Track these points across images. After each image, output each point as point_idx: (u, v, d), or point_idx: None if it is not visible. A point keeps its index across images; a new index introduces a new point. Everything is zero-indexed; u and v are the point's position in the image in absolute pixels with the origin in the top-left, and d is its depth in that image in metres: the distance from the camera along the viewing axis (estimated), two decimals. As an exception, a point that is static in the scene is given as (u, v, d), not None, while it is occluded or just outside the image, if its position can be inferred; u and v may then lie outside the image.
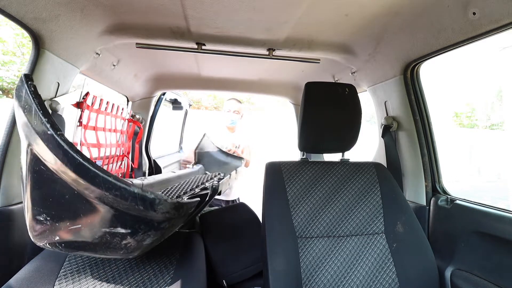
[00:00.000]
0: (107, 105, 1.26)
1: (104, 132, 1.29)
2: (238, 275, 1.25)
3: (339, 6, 0.86)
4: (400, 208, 0.91)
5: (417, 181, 1.08)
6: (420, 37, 0.91)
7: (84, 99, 1.09)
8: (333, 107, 0.94)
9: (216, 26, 1.03)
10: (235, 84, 1.91)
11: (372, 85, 1.26)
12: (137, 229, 0.57)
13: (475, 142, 9.26)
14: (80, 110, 1.09)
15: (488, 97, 12.33)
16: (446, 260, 0.93)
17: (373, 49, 1.11)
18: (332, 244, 0.86)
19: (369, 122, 4.69)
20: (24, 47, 6.20)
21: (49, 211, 0.57)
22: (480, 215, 0.85)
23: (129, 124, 1.60)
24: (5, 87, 6.40)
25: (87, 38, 0.98)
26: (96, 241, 0.58)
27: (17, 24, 0.77)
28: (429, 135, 1.08)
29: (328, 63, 1.36)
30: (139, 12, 0.94)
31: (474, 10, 0.72)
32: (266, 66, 1.55)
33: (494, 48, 4.17)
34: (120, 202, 0.53)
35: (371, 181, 0.96)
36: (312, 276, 0.81)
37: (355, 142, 0.99)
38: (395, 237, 0.87)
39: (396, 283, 0.82)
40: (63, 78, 0.95)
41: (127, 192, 0.52)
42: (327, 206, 0.91)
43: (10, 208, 0.81)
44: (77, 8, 0.85)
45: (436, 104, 10.32)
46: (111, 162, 1.37)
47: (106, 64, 1.26)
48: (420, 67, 1.06)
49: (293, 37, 1.10)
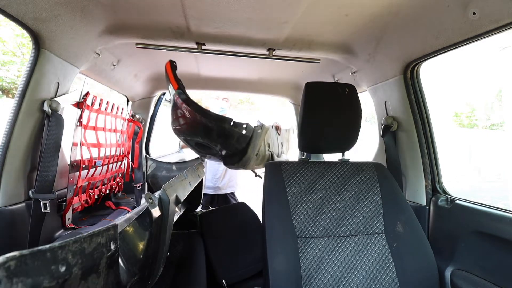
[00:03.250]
0: (107, 105, 1.26)
1: (104, 132, 1.29)
2: (238, 275, 1.25)
3: (339, 6, 0.86)
4: (400, 208, 0.91)
5: (417, 181, 1.08)
6: (420, 37, 0.91)
7: (84, 99, 1.09)
8: (333, 107, 0.94)
9: (216, 26, 1.03)
10: (235, 84, 1.91)
11: (372, 85, 1.26)
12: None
13: (475, 142, 9.26)
14: (80, 110, 1.09)
15: (488, 97, 12.33)
16: (446, 260, 0.93)
17: (373, 49, 1.11)
18: (332, 244, 0.86)
19: (369, 122, 4.70)
20: (24, 47, 6.20)
21: None
22: (480, 215, 0.85)
23: (129, 124, 1.59)
24: (5, 87, 6.40)
25: (87, 38, 0.98)
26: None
27: (17, 24, 0.77)
28: (429, 135, 1.07)
29: (328, 63, 1.36)
30: (139, 12, 0.94)
31: (474, 10, 0.72)
32: (266, 66, 1.55)
33: (494, 48, 4.17)
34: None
35: (371, 181, 0.96)
36: (312, 276, 0.81)
37: (355, 142, 0.99)
38: (395, 237, 0.87)
39: (396, 283, 0.82)
40: (63, 78, 0.95)
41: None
42: (327, 206, 0.91)
43: (10, 208, 0.81)
44: (77, 8, 0.85)
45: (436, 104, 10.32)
46: (111, 162, 1.37)
47: (106, 64, 1.26)
48: (420, 67, 1.06)
49: (293, 37, 1.10)
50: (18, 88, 0.84)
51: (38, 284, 0.29)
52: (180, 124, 1.14)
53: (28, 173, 0.88)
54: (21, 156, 0.85)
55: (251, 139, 1.18)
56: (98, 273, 0.41)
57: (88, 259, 0.37)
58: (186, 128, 1.15)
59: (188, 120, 1.09)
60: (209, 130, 1.10)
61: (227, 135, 1.13)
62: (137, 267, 0.58)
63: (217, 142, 1.16)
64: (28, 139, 0.86)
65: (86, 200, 1.16)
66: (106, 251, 0.42)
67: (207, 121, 1.06)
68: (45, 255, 0.31)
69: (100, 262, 0.41)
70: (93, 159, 1.18)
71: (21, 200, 0.86)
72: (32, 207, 0.86)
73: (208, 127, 1.08)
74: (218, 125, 1.08)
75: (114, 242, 0.44)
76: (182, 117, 1.10)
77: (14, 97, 0.84)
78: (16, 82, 6.09)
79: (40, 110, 0.88)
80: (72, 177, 1.06)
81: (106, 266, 0.43)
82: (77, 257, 0.35)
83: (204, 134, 1.12)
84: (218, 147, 1.21)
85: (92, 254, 0.39)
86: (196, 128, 1.11)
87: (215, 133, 1.11)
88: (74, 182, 1.07)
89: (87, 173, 1.16)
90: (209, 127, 1.08)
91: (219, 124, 1.09)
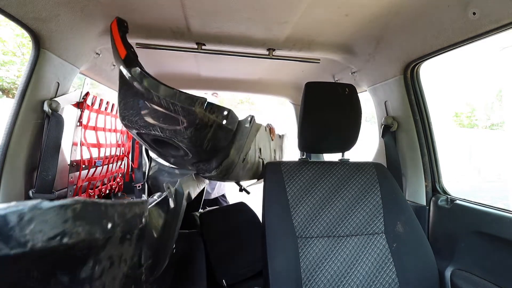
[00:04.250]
0: (107, 105, 1.27)
1: (104, 132, 1.29)
2: (238, 275, 1.25)
3: (339, 6, 0.86)
4: (400, 208, 0.91)
5: (417, 181, 1.08)
6: (420, 37, 0.91)
7: (84, 99, 1.09)
8: (333, 107, 0.94)
9: (216, 26, 1.03)
10: (235, 84, 1.91)
11: (372, 85, 1.26)
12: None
13: (475, 142, 9.26)
14: (80, 110, 1.09)
15: (488, 97, 12.34)
16: (446, 260, 0.93)
17: (373, 49, 1.11)
18: (332, 244, 0.86)
19: (369, 122, 4.70)
20: (24, 47, 6.20)
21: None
22: (480, 215, 0.85)
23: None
24: (5, 87, 6.40)
25: (87, 38, 0.98)
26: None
27: (17, 24, 0.77)
28: (429, 135, 1.08)
29: (328, 63, 1.36)
30: (139, 12, 0.94)
31: (474, 10, 0.72)
32: (266, 66, 1.55)
33: (494, 48, 4.17)
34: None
35: (371, 181, 0.96)
36: (312, 276, 0.81)
37: (355, 142, 0.99)
38: (395, 237, 0.87)
39: (396, 283, 0.82)
40: (63, 78, 0.95)
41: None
42: (327, 206, 0.91)
43: None
44: (77, 8, 0.85)
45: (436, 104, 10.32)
46: (111, 162, 1.37)
47: (106, 64, 1.26)
48: (420, 67, 1.06)
49: (293, 37, 1.10)
50: (18, 88, 0.84)
51: (92, 233, 0.31)
52: (130, 110, 0.79)
53: (28, 173, 0.88)
54: (21, 156, 0.85)
55: (235, 135, 0.86)
56: (130, 242, 0.43)
57: (126, 225, 0.39)
58: (138, 115, 0.79)
59: (142, 103, 0.77)
60: (171, 117, 0.76)
61: (200, 125, 0.77)
62: (151, 251, 0.58)
63: (183, 135, 0.79)
64: (28, 139, 0.86)
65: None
66: (139, 222, 0.43)
67: (169, 102, 0.74)
68: (100, 207, 0.33)
69: (134, 232, 0.43)
70: (93, 159, 1.18)
71: (21, 200, 0.86)
72: None
73: (170, 111, 0.75)
74: (185, 108, 0.74)
75: (144, 217, 0.45)
76: (132, 99, 0.78)
77: (14, 97, 0.84)
78: (16, 82, 6.09)
79: (40, 110, 0.88)
80: (72, 177, 1.06)
81: (136, 238, 0.45)
82: (120, 219, 0.37)
83: (164, 122, 0.78)
84: (186, 144, 0.82)
85: (130, 221, 0.40)
86: (153, 114, 0.77)
87: (181, 121, 0.76)
88: (74, 182, 1.07)
89: (87, 173, 1.16)
90: (171, 112, 0.75)
91: (187, 106, 0.74)
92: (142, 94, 0.76)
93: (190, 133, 0.78)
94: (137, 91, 0.76)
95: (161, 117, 0.77)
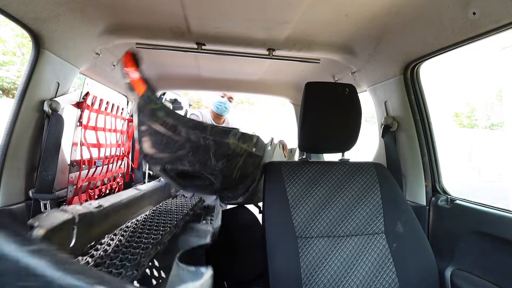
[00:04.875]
0: (107, 105, 1.26)
1: (104, 132, 1.29)
2: (238, 275, 1.25)
3: (339, 6, 0.86)
4: (400, 208, 0.91)
5: (417, 181, 1.08)
6: (420, 37, 0.91)
7: (84, 99, 1.09)
8: (333, 107, 0.94)
9: (216, 26, 1.03)
10: (235, 84, 1.91)
11: (372, 85, 1.26)
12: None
13: (475, 142, 9.26)
14: (80, 110, 1.09)
15: (488, 97, 12.33)
16: (446, 260, 0.93)
17: (373, 49, 1.11)
18: (332, 244, 0.86)
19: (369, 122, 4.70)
20: (24, 47, 6.20)
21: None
22: (480, 215, 0.85)
23: (129, 124, 1.59)
24: (5, 87, 6.40)
25: (87, 38, 0.98)
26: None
27: (17, 24, 0.77)
28: (429, 135, 1.07)
29: (328, 63, 1.36)
30: (139, 12, 0.94)
31: (474, 10, 0.72)
32: (266, 66, 1.55)
33: (494, 48, 4.17)
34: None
35: (371, 181, 0.96)
36: (312, 276, 0.81)
37: (355, 142, 0.99)
38: (395, 237, 0.87)
39: (396, 283, 0.82)
40: (63, 78, 0.95)
41: None
42: (327, 206, 0.91)
43: (10, 208, 0.81)
44: (77, 8, 0.85)
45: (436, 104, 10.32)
46: (111, 162, 1.37)
47: (106, 64, 1.26)
48: (420, 67, 1.06)
49: (293, 37, 1.10)
50: (18, 88, 0.84)
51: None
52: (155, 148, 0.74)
53: (28, 173, 0.88)
54: (21, 156, 0.85)
55: (261, 160, 0.85)
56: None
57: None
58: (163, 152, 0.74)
59: (168, 140, 0.72)
60: (201, 151, 0.74)
61: (231, 156, 0.77)
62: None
63: (214, 167, 0.77)
64: (28, 139, 0.86)
65: (86, 200, 1.16)
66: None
67: (199, 137, 0.72)
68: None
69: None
70: (93, 159, 1.18)
71: (21, 200, 0.86)
72: (32, 207, 0.86)
73: (200, 145, 0.73)
74: (217, 141, 0.73)
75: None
76: (155, 136, 0.72)
77: (14, 97, 0.84)
78: (16, 82, 6.10)
79: (40, 110, 0.88)
80: (72, 177, 1.06)
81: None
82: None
83: (194, 157, 0.74)
84: (215, 175, 0.81)
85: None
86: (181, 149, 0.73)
87: (212, 153, 0.74)
88: (74, 182, 1.07)
89: (87, 173, 1.16)
90: (201, 146, 0.73)
91: (220, 139, 0.73)
92: (168, 130, 0.70)
93: (222, 164, 0.77)
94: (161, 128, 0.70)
95: (191, 152, 0.74)
